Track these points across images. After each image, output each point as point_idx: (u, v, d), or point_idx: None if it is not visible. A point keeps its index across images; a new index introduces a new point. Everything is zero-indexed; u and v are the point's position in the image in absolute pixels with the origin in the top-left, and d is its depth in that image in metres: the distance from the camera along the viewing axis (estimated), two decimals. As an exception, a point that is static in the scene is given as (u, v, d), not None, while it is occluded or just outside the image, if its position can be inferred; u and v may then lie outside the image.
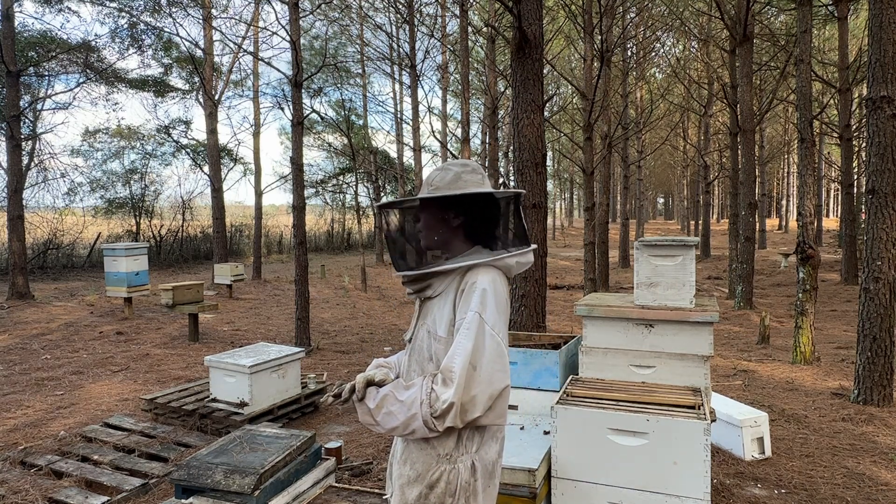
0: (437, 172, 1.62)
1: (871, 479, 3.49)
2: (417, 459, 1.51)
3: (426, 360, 1.55)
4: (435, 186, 1.59)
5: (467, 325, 1.45)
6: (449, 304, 1.53)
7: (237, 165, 21.58)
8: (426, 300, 1.61)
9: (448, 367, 1.44)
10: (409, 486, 1.51)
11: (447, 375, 1.43)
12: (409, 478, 1.51)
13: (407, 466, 1.53)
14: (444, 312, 1.53)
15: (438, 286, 1.57)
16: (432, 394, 1.42)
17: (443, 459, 1.49)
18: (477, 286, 1.48)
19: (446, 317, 1.52)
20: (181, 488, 2.78)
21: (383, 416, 1.48)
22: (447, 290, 1.55)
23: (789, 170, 35.06)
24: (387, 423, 1.48)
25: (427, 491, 1.49)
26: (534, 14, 4.65)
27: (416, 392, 1.45)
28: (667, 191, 60.46)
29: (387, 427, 1.48)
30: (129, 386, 5.85)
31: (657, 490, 2.37)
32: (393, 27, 18.46)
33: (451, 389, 1.41)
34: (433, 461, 1.50)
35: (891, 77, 4.73)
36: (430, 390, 1.43)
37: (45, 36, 14.91)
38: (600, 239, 12.64)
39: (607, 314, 3.05)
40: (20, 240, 11.36)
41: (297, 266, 7.51)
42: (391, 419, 1.47)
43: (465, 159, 1.68)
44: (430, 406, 1.42)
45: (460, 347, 1.44)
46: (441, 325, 1.53)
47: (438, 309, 1.56)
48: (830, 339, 8.11)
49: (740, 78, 10.40)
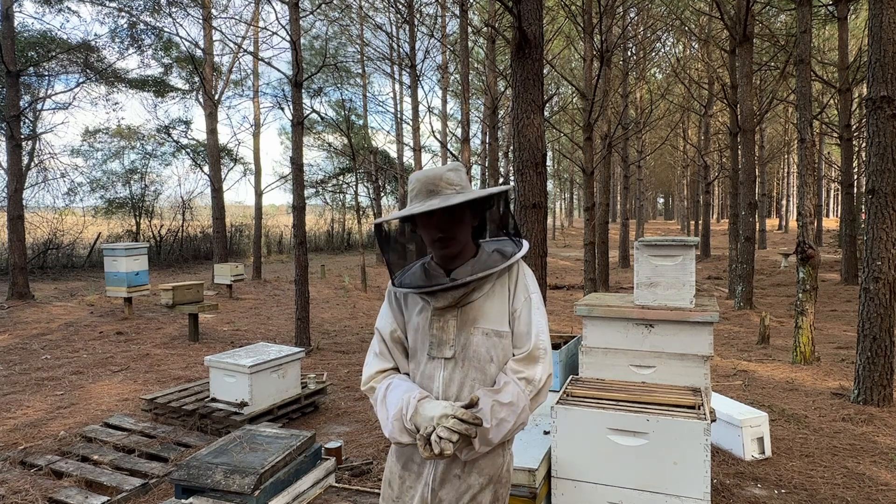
0: (451, 173, 1.54)
1: (871, 479, 3.48)
2: (486, 465, 1.50)
3: (487, 362, 1.51)
4: (461, 187, 1.53)
5: (537, 305, 1.55)
6: (504, 300, 1.55)
7: (237, 165, 21.59)
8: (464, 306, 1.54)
9: (536, 345, 1.49)
10: (483, 493, 1.50)
11: (536, 354, 1.49)
12: (481, 485, 1.49)
13: (473, 477, 1.49)
14: (500, 309, 1.54)
15: (485, 285, 1.55)
16: (524, 380, 1.47)
17: (500, 454, 1.52)
18: (523, 272, 1.58)
19: (503, 309, 1.54)
20: (181, 488, 2.78)
21: (495, 430, 1.42)
22: (495, 287, 1.56)
23: (789, 170, 35.04)
24: (500, 434, 1.43)
25: (498, 487, 1.52)
26: (534, 14, 4.65)
27: (513, 387, 1.46)
28: (667, 191, 60.47)
29: (499, 438, 1.44)
30: (129, 386, 5.85)
31: (657, 490, 2.37)
32: (393, 27, 18.45)
33: (544, 363, 1.48)
34: (500, 458, 1.52)
35: (891, 77, 4.73)
36: (522, 377, 1.47)
37: (45, 36, 14.91)
38: (600, 239, 12.64)
39: (607, 314, 3.05)
40: (20, 240, 11.36)
41: (297, 266, 7.51)
42: (504, 426, 1.43)
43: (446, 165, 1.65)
44: (528, 393, 1.46)
45: (541, 325, 1.52)
46: (503, 320, 1.54)
47: (491, 308, 1.54)
48: (830, 339, 8.11)
49: (740, 78, 10.40)
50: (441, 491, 1.48)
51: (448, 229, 1.50)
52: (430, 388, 1.53)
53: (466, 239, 1.57)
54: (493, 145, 14.46)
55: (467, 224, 1.56)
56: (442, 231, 1.50)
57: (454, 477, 1.48)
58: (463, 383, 1.50)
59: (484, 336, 1.51)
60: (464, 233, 1.55)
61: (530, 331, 1.51)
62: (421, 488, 1.51)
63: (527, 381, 1.46)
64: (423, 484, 1.51)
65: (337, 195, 28.16)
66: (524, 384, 1.46)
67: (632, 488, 2.41)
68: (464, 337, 1.52)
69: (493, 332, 1.51)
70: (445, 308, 1.53)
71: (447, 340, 1.52)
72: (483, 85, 16.60)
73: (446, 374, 1.52)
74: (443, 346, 1.52)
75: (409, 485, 1.53)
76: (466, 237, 1.57)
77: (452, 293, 1.50)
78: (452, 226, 1.50)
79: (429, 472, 1.50)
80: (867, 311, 4.89)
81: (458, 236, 1.53)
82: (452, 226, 1.50)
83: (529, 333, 1.50)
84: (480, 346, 1.51)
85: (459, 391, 1.50)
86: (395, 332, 1.62)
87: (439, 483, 1.49)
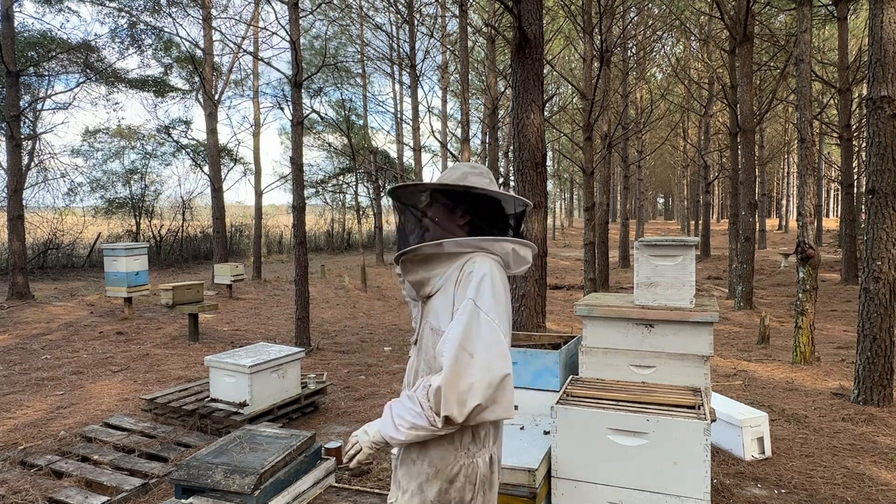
0: (448, 171, 1.67)
1: (871, 479, 3.49)
2: (435, 456, 1.49)
3: (433, 358, 1.52)
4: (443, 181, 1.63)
5: (461, 311, 1.42)
6: (449, 298, 1.50)
7: (237, 165, 21.60)
8: (426, 300, 1.60)
9: (438, 352, 1.44)
10: (429, 483, 1.49)
11: (438, 361, 1.44)
12: (427, 475, 1.50)
13: (424, 464, 1.51)
14: (445, 306, 1.51)
15: (437, 281, 1.54)
16: (429, 387, 1.41)
17: (461, 454, 1.49)
18: (474, 274, 1.46)
19: (448, 310, 1.49)
20: (181, 488, 2.78)
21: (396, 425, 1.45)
22: (446, 284, 1.53)
23: (789, 170, 35.05)
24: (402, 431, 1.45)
25: (447, 485, 1.48)
26: (534, 14, 4.65)
27: (421, 390, 1.44)
28: (667, 191, 60.46)
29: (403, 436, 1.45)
30: (129, 386, 5.85)
31: (657, 490, 2.37)
32: (393, 27, 18.46)
33: (440, 375, 1.39)
34: (451, 456, 1.49)
35: (891, 77, 4.73)
36: (428, 384, 1.42)
37: (45, 36, 14.92)
38: (600, 239, 12.64)
39: (607, 314, 3.05)
40: (20, 240, 11.36)
41: (297, 266, 7.51)
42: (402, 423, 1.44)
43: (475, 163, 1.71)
44: (427, 399, 1.40)
45: (451, 333, 1.42)
46: (444, 320, 1.49)
47: (440, 304, 1.53)
48: (830, 339, 8.11)
49: (740, 78, 10.40)
50: (399, 471, 1.59)
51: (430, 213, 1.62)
52: None
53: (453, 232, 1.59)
54: (493, 145, 14.47)
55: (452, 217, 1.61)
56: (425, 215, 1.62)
57: (409, 461, 1.55)
58: (417, 371, 1.60)
59: (431, 331, 1.55)
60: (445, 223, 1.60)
61: (442, 338, 1.46)
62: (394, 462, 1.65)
63: (430, 386, 1.42)
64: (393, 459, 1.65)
65: (337, 195, 28.18)
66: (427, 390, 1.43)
67: (632, 488, 2.41)
68: (420, 328, 1.61)
69: (435, 330, 1.53)
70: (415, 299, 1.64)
71: (414, 328, 1.65)
72: (483, 85, 16.60)
73: (412, 360, 1.64)
74: (413, 334, 1.65)
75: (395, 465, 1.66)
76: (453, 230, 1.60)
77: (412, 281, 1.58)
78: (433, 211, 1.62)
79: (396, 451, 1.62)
80: (867, 311, 4.89)
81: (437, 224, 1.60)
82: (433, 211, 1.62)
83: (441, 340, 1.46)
84: (428, 339, 1.55)
85: (414, 378, 1.60)
86: None
87: (400, 462, 1.59)
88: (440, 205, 1.61)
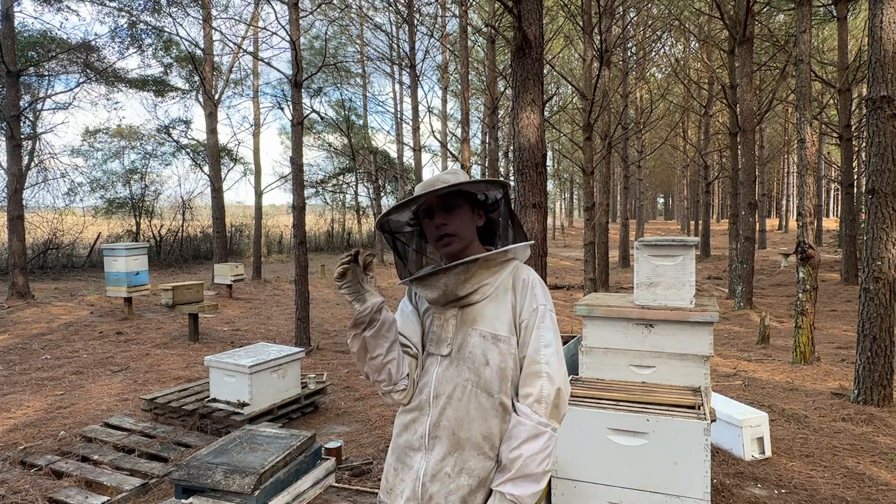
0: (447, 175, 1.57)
1: (871, 479, 3.49)
2: (476, 467, 1.49)
3: (482, 364, 1.50)
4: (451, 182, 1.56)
5: (544, 319, 1.51)
6: (505, 304, 1.53)
7: (237, 165, 21.59)
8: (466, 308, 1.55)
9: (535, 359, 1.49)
10: (472, 495, 1.48)
11: (536, 369, 1.48)
12: (470, 487, 1.48)
13: (462, 478, 1.49)
14: (498, 312, 1.52)
15: (488, 288, 1.54)
16: (535, 401, 1.46)
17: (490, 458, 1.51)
18: (534, 282, 1.54)
19: (506, 316, 1.52)
20: (181, 488, 2.78)
21: (538, 473, 1.44)
22: (498, 290, 1.55)
23: (789, 170, 35.06)
24: (544, 474, 1.45)
25: None
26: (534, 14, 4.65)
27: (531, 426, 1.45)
28: (667, 191, 60.48)
29: (540, 470, 1.44)
30: (129, 386, 5.85)
31: (657, 490, 2.37)
32: (393, 27, 18.46)
33: (548, 378, 1.47)
34: (490, 463, 1.50)
35: (891, 77, 4.73)
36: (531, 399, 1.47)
37: (45, 36, 14.91)
38: (600, 239, 12.65)
39: (607, 314, 3.05)
40: (20, 240, 11.36)
41: (297, 266, 7.51)
42: (544, 464, 1.44)
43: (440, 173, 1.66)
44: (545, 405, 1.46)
45: (545, 339, 1.50)
46: (502, 325, 1.52)
47: (492, 310, 1.53)
48: (830, 339, 8.11)
49: (740, 78, 10.40)
50: (432, 487, 1.50)
51: (447, 222, 1.53)
52: (424, 382, 1.56)
53: (470, 236, 1.57)
54: (492, 145, 14.47)
55: (468, 219, 1.57)
56: (440, 225, 1.53)
57: (444, 475, 1.49)
58: (456, 383, 1.51)
59: (481, 338, 1.51)
60: (465, 228, 1.55)
61: (535, 345, 1.50)
62: (412, 482, 1.53)
63: (536, 400, 1.46)
64: (413, 478, 1.53)
65: (337, 195, 28.18)
66: (535, 404, 1.46)
67: (632, 488, 2.41)
68: (461, 337, 1.53)
69: (491, 336, 1.51)
70: (446, 307, 1.56)
71: (445, 338, 1.55)
72: (483, 85, 16.60)
73: (440, 372, 1.54)
74: (441, 344, 1.55)
75: (401, 477, 1.56)
76: (469, 234, 1.57)
77: (444, 281, 1.51)
78: (451, 219, 1.54)
79: (420, 467, 1.52)
80: (867, 311, 4.89)
81: (459, 232, 1.54)
82: (451, 219, 1.54)
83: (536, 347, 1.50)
84: (476, 347, 1.51)
85: (452, 390, 1.51)
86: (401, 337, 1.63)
87: (430, 478, 1.50)
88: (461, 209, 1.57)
